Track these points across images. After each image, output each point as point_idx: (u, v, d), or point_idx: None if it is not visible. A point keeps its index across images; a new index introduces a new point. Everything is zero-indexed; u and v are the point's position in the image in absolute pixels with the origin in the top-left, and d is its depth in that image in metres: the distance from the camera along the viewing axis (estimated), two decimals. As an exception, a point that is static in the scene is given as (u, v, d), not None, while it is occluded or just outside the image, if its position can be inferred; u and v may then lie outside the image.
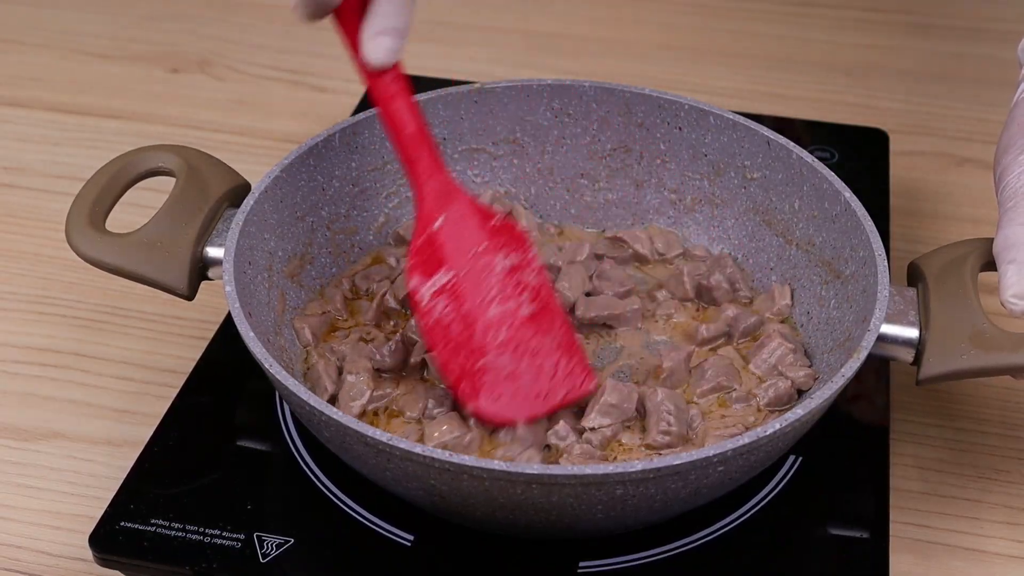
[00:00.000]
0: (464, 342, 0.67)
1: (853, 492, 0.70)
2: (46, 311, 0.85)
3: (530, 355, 0.67)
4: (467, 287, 0.68)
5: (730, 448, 0.58)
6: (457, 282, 0.68)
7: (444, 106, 0.81)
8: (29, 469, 0.74)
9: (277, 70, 1.12)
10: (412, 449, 0.57)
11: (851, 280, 0.71)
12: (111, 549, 0.65)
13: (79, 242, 0.70)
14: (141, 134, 1.02)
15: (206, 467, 0.70)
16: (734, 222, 0.80)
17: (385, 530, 0.66)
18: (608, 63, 1.13)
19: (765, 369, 0.72)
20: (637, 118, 0.81)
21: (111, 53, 1.14)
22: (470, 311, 0.67)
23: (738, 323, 0.74)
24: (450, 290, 0.68)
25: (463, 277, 0.68)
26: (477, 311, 0.68)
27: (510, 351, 0.67)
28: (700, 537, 0.66)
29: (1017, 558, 0.69)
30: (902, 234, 0.91)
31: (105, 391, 0.79)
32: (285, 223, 0.75)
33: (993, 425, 0.77)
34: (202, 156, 0.75)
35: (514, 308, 0.68)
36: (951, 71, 1.11)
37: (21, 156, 1.00)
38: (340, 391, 0.69)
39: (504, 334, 0.67)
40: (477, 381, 0.67)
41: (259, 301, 0.70)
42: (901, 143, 1.00)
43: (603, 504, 0.59)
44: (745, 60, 1.13)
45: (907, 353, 0.66)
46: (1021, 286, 0.63)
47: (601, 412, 0.68)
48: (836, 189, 0.72)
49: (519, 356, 0.67)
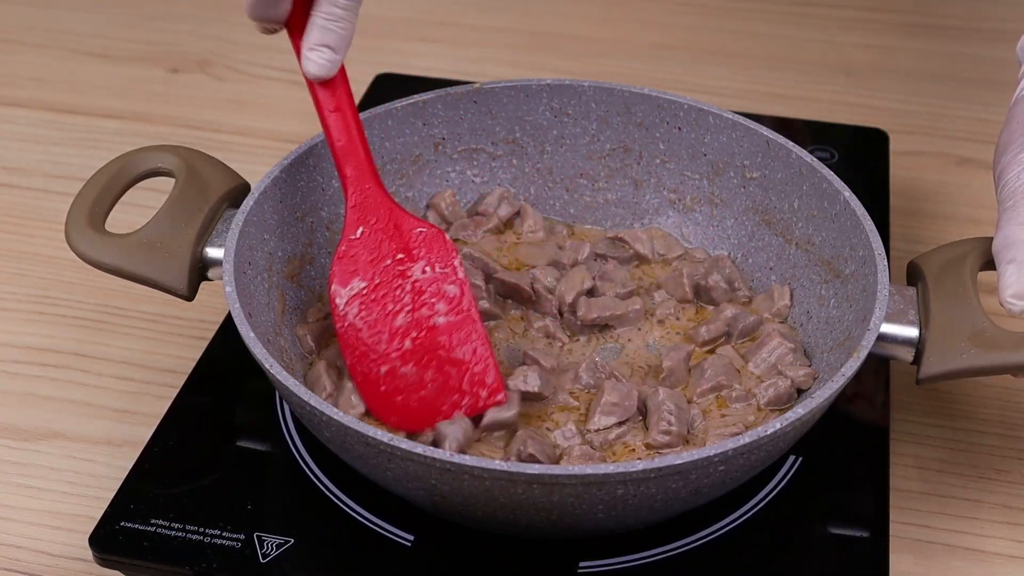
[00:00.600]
0: (371, 348, 0.69)
1: (853, 492, 0.70)
2: (46, 311, 0.85)
3: (436, 365, 0.69)
4: (378, 296, 0.70)
5: (731, 447, 0.58)
6: (369, 290, 0.70)
7: (444, 106, 0.81)
8: (29, 469, 0.74)
9: (277, 70, 1.12)
10: (413, 449, 0.57)
11: (851, 279, 0.71)
12: (111, 549, 0.65)
13: (79, 242, 0.70)
14: (141, 134, 1.02)
15: (206, 467, 0.70)
16: (733, 222, 0.80)
17: (385, 530, 0.66)
18: (608, 63, 1.13)
19: (764, 368, 0.72)
20: (636, 118, 0.81)
21: (111, 53, 1.14)
22: (378, 319, 0.70)
23: (737, 323, 0.74)
24: (363, 297, 0.70)
25: (376, 286, 0.70)
26: (385, 320, 0.70)
27: (415, 360, 0.69)
28: (700, 537, 0.66)
29: (1017, 558, 0.69)
30: (902, 234, 0.91)
31: (105, 391, 0.79)
32: (285, 223, 0.75)
33: (993, 425, 0.77)
34: (202, 156, 0.75)
35: (426, 317, 0.70)
36: (951, 71, 1.11)
37: (21, 156, 1.00)
38: (340, 398, 0.69)
39: (410, 343, 0.69)
40: (381, 388, 0.69)
41: (259, 301, 0.70)
42: (901, 143, 1.00)
43: (604, 504, 0.59)
44: (745, 60, 1.13)
45: (907, 352, 0.66)
46: (1020, 286, 0.63)
47: (604, 412, 0.68)
48: (835, 188, 0.73)
49: (425, 366, 0.69)
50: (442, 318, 0.69)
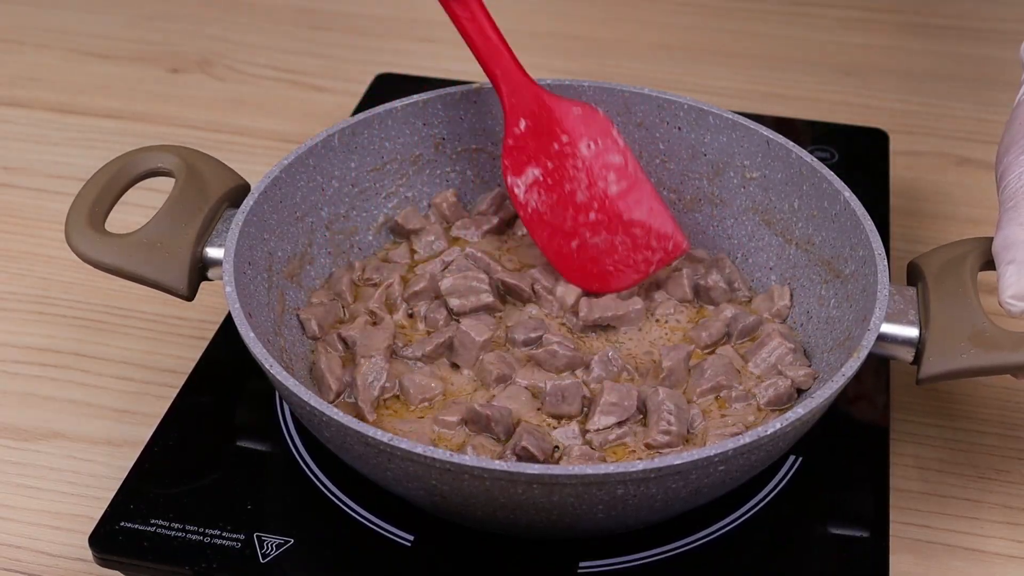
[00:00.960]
0: (558, 228, 0.75)
1: (853, 492, 0.70)
2: (46, 311, 0.85)
3: (623, 229, 0.75)
4: (554, 179, 0.76)
5: (731, 447, 0.58)
6: (545, 176, 0.76)
7: (444, 106, 0.81)
8: (29, 469, 0.74)
9: (277, 70, 1.12)
10: (413, 449, 0.57)
11: (851, 279, 0.71)
12: (111, 549, 0.65)
13: (79, 242, 0.70)
14: (141, 134, 1.02)
15: (206, 467, 0.70)
16: (733, 221, 0.80)
17: (385, 530, 0.66)
18: (608, 63, 1.13)
19: (764, 368, 0.72)
20: (636, 118, 0.81)
21: (111, 53, 1.14)
22: (559, 200, 0.76)
23: (737, 323, 0.74)
24: (540, 184, 0.76)
25: (550, 171, 0.76)
26: (565, 200, 0.76)
27: (604, 229, 0.75)
28: (700, 537, 0.66)
29: (1017, 558, 0.69)
30: (902, 234, 0.91)
31: (105, 391, 0.79)
32: (285, 223, 0.75)
33: (993, 425, 0.77)
34: (202, 156, 0.75)
35: (601, 190, 0.75)
36: (951, 71, 1.11)
37: (21, 156, 1.00)
38: (357, 376, 0.69)
39: (594, 216, 0.75)
40: (576, 260, 0.75)
41: (259, 301, 0.70)
42: (901, 143, 1.00)
43: (604, 504, 0.59)
44: (745, 60, 1.13)
45: (907, 352, 0.66)
46: (1019, 287, 0.63)
47: (603, 412, 0.68)
48: (835, 188, 0.72)
49: (612, 231, 0.75)
50: (615, 187, 0.75)
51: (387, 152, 0.80)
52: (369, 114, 0.79)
